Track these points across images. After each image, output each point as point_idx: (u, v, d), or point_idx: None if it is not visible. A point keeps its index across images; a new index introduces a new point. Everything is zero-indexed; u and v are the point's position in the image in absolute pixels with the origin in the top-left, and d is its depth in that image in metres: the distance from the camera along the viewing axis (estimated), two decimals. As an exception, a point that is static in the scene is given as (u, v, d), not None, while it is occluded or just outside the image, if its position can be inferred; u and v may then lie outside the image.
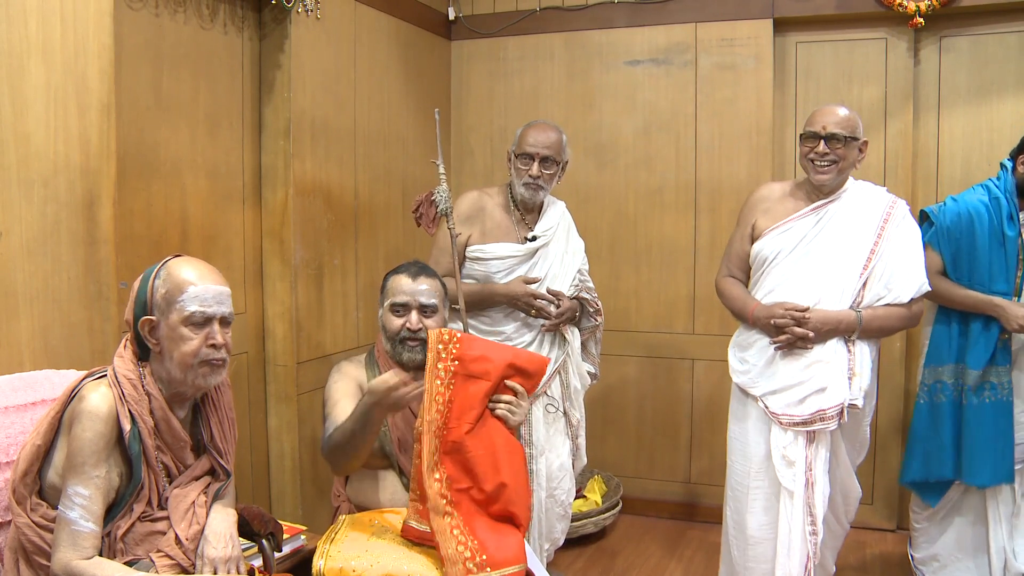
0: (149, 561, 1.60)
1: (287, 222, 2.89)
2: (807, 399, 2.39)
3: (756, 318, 2.50)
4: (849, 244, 2.44)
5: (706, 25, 3.65)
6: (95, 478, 1.56)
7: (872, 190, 2.53)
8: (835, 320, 2.39)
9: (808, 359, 2.41)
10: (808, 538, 2.38)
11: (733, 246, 2.69)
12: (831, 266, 2.44)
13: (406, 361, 2.21)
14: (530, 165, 2.70)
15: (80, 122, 2.04)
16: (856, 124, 2.44)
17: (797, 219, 2.50)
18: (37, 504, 1.62)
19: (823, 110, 2.48)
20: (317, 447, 3.06)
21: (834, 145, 2.42)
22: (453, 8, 3.97)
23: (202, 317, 1.66)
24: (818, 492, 2.38)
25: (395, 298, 2.23)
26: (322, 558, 1.94)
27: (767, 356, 2.48)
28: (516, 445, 2.10)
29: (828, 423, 2.36)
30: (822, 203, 2.49)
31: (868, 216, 2.46)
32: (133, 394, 1.64)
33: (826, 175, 2.45)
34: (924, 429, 2.77)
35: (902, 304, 2.43)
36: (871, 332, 2.43)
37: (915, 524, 2.91)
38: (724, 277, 2.70)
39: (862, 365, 2.41)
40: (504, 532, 2.00)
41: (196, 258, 1.76)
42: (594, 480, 3.76)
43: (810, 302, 2.42)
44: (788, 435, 2.41)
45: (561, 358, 2.80)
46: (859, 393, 2.38)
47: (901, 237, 2.45)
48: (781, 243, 2.50)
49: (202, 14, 2.64)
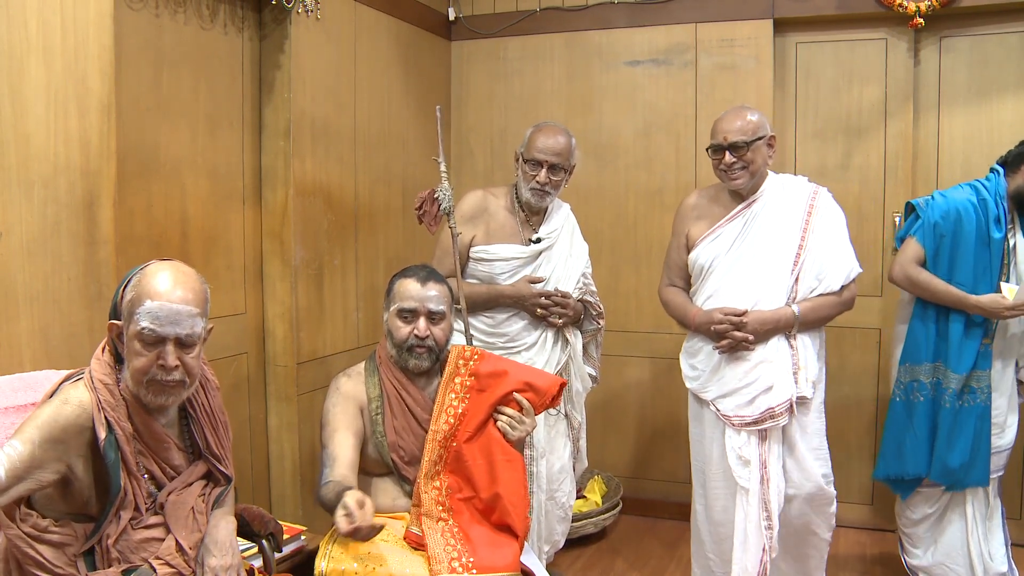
0: (149, 568, 1.57)
1: (287, 222, 2.89)
2: (756, 399, 2.46)
3: (697, 325, 2.57)
4: (777, 242, 2.51)
5: (706, 25, 3.65)
6: (33, 445, 1.49)
7: (792, 183, 2.60)
8: (773, 320, 2.46)
9: (753, 360, 2.47)
10: (764, 532, 2.44)
11: (671, 256, 2.76)
12: (763, 266, 2.50)
13: (411, 368, 2.18)
14: (538, 171, 2.69)
15: (80, 123, 2.04)
16: (757, 125, 2.49)
17: (724, 224, 2.57)
18: (27, 514, 1.57)
19: (722, 119, 2.54)
20: (317, 447, 3.06)
21: (739, 152, 2.48)
22: (453, 8, 3.97)
23: (152, 336, 1.57)
24: (772, 487, 2.45)
25: (403, 303, 2.18)
26: (324, 558, 1.94)
27: (714, 361, 2.54)
28: (515, 456, 2.09)
29: (779, 419, 2.43)
30: (745, 205, 2.56)
31: (791, 211, 2.53)
32: (109, 400, 1.59)
33: (739, 180, 2.51)
34: (899, 425, 2.79)
35: (834, 292, 2.50)
36: (809, 324, 2.50)
37: (903, 529, 2.91)
38: (666, 287, 2.77)
39: (806, 358, 2.48)
40: (500, 541, 2.00)
41: (180, 266, 1.67)
42: (594, 480, 3.75)
43: (748, 304, 2.48)
44: (742, 436, 2.48)
45: (563, 360, 2.79)
46: (807, 385, 2.46)
47: (826, 227, 2.52)
48: (714, 250, 2.57)
49: (202, 14, 2.64)
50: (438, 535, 1.96)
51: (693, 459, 2.69)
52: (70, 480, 1.58)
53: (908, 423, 2.76)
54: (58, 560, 1.56)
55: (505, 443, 2.08)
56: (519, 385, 2.13)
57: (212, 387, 1.82)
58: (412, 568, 1.90)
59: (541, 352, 2.74)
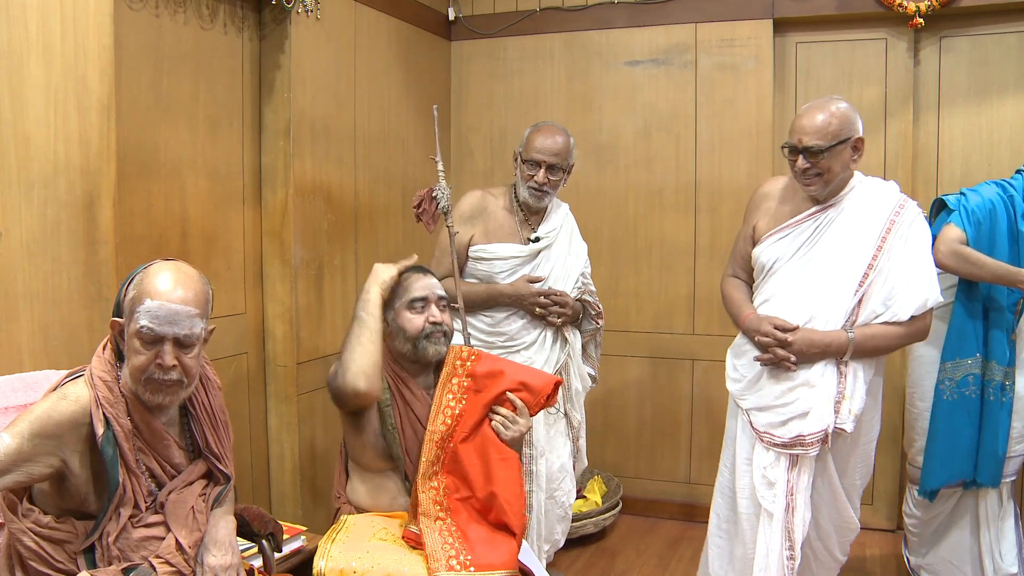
0: (149, 566, 1.58)
1: (287, 222, 2.89)
2: (789, 422, 2.26)
3: (746, 329, 2.39)
4: (846, 256, 2.26)
5: (706, 25, 3.65)
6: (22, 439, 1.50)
7: (880, 191, 2.32)
8: (822, 344, 2.23)
9: (793, 381, 2.27)
10: (786, 563, 2.25)
11: (737, 245, 2.55)
12: (825, 280, 2.27)
13: (431, 355, 2.19)
14: (536, 172, 2.70)
15: (80, 123, 2.04)
16: (840, 127, 2.20)
17: (794, 225, 2.34)
18: (28, 510, 1.59)
19: (802, 115, 2.26)
20: (317, 447, 3.06)
21: (814, 158, 2.21)
22: (453, 8, 3.97)
23: (151, 335, 1.58)
24: (798, 518, 2.24)
25: (413, 294, 2.21)
26: (323, 558, 1.94)
27: (756, 370, 2.36)
28: (510, 455, 2.10)
29: (808, 449, 2.22)
30: (820, 208, 2.32)
31: (869, 224, 2.26)
32: (108, 396, 1.59)
33: (812, 187, 2.27)
34: (948, 428, 2.66)
35: (901, 322, 2.24)
36: (865, 353, 2.25)
37: (910, 528, 2.90)
38: (728, 277, 2.58)
39: (854, 388, 2.25)
40: (497, 539, 2.01)
41: (183, 266, 1.67)
42: (594, 480, 3.75)
43: (802, 319, 2.27)
44: (770, 455, 2.29)
45: (563, 359, 2.80)
46: (848, 418, 2.22)
47: (905, 248, 2.24)
48: (778, 251, 2.35)
49: (202, 14, 2.64)
50: (436, 534, 1.97)
51: (724, 447, 2.52)
52: (65, 475, 1.58)
53: (964, 420, 2.65)
54: (59, 556, 1.57)
55: (500, 442, 2.08)
56: (513, 385, 2.13)
57: (214, 386, 1.83)
58: (410, 567, 1.90)
59: (540, 351, 2.74)
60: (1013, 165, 3.15)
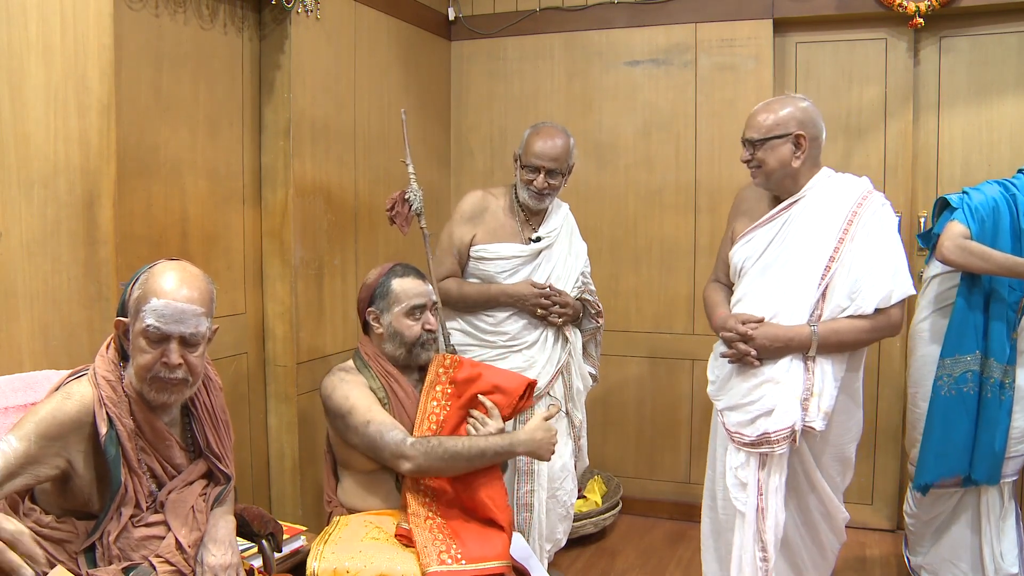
0: (149, 565, 1.58)
1: (287, 222, 2.89)
2: (756, 420, 2.23)
3: (715, 328, 2.40)
4: (810, 249, 2.24)
5: (706, 25, 3.65)
6: (29, 442, 1.50)
7: (846, 185, 2.30)
8: (785, 338, 2.20)
9: (759, 378, 2.25)
10: (759, 564, 2.23)
11: (720, 249, 2.56)
12: (790, 275, 2.27)
13: (423, 361, 2.26)
14: (536, 176, 2.70)
15: (80, 122, 2.04)
16: (776, 122, 2.24)
17: (762, 225, 2.34)
18: (30, 509, 1.60)
19: (753, 110, 2.32)
20: (317, 447, 3.06)
21: (752, 149, 2.28)
22: (453, 8, 3.97)
23: (157, 334, 1.60)
24: (769, 521, 2.21)
25: (412, 301, 2.25)
26: (316, 559, 1.95)
27: (727, 370, 2.36)
28: None
29: (775, 447, 2.18)
30: (784, 206, 2.31)
31: (833, 216, 2.25)
32: (112, 396, 1.60)
33: (756, 179, 2.33)
34: (948, 421, 2.66)
35: (867, 316, 2.19)
36: (831, 348, 2.21)
37: (910, 528, 2.90)
38: (710, 282, 2.60)
39: (823, 384, 2.20)
40: (488, 534, 2.05)
41: (187, 266, 1.69)
42: (594, 480, 3.75)
43: (767, 315, 2.26)
44: (740, 455, 2.27)
45: (564, 359, 2.80)
46: (817, 415, 2.17)
47: (868, 238, 2.21)
48: (747, 251, 2.36)
49: (202, 14, 2.64)
50: (426, 532, 2.00)
51: (708, 463, 2.54)
52: (70, 476, 1.59)
53: (954, 420, 2.65)
54: (60, 556, 1.57)
55: None
56: (487, 387, 2.22)
57: (215, 386, 1.83)
58: (403, 565, 1.92)
59: (542, 351, 2.75)
60: (1013, 165, 3.15)
